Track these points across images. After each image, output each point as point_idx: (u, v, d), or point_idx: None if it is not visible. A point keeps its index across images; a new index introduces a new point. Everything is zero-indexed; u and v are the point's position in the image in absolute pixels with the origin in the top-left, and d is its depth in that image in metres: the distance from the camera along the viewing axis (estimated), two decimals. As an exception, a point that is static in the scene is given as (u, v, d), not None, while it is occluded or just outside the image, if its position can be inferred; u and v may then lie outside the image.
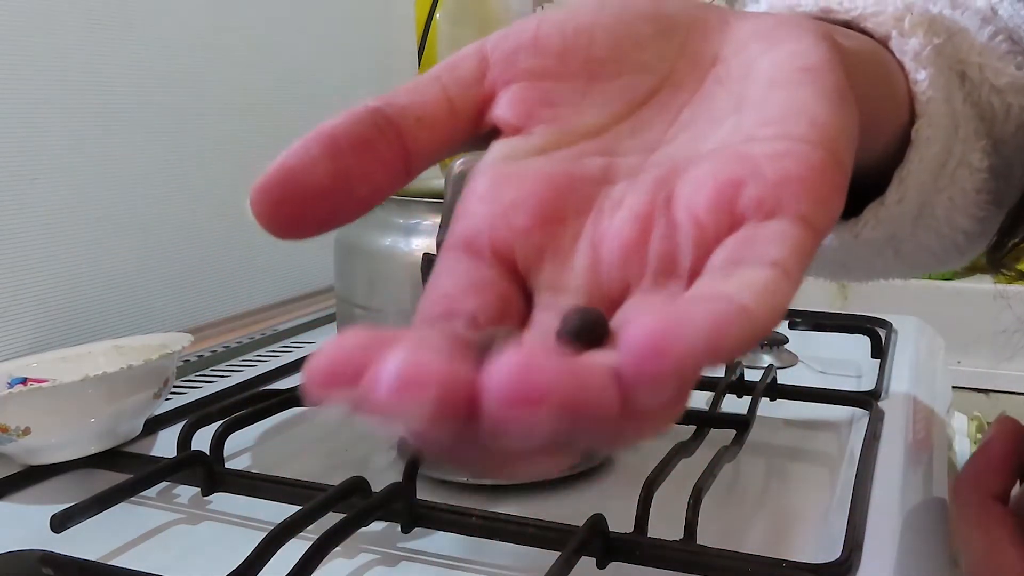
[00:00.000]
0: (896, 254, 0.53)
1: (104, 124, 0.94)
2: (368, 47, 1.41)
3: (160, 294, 1.02)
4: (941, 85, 0.47)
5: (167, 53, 1.02)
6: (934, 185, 0.49)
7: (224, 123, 1.10)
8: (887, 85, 0.45)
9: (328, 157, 0.34)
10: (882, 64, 0.45)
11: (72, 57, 0.91)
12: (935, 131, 0.46)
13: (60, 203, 0.90)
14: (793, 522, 0.66)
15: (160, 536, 0.64)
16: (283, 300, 1.21)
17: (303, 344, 1.12)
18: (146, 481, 0.66)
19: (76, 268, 0.91)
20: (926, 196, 0.49)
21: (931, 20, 0.48)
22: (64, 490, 0.70)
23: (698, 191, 0.29)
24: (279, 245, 1.19)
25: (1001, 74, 0.51)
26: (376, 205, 0.34)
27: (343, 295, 0.72)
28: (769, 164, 0.28)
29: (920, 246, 0.54)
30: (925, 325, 1.17)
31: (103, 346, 0.83)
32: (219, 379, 0.98)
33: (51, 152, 0.89)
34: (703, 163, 0.30)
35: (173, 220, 1.03)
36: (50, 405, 0.68)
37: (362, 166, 0.34)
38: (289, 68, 1.21)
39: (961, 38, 0.51)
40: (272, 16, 1.18)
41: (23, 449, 0.70)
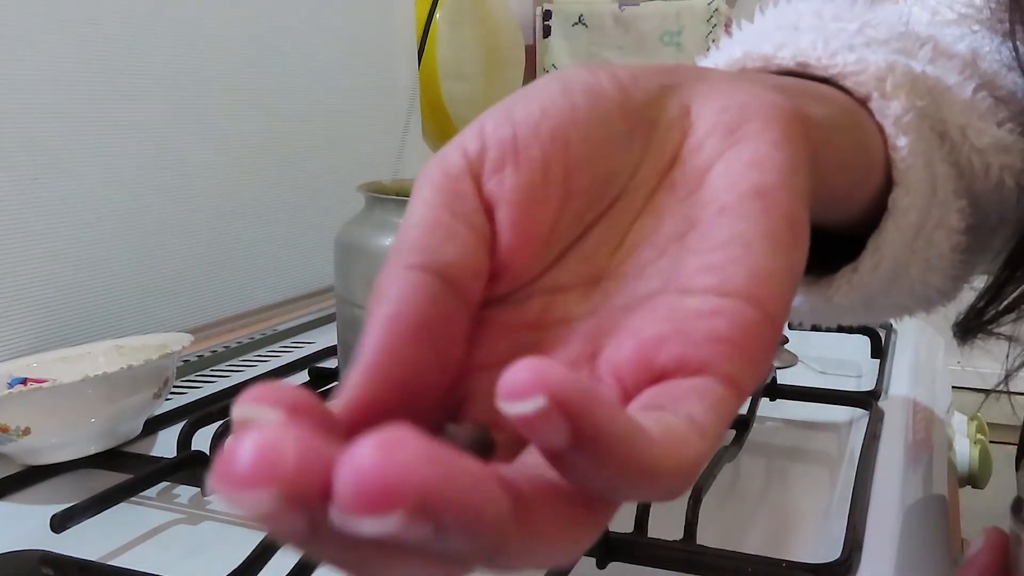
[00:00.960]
0: (867, 311, 0.52)
1: (104, 124, 0.94)
2: (368, 48, 1.41)
3: (160, 294, 1.02)
4: (921, 151, 0.45)
5: (167, 54, 1.02)
6: (910, 249, 0.47)
7: (224, 123, 1.10)
8: (863, 151, 0.43)
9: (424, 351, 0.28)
10: (858, 129, 0.43)
11: (72, 57, 0.91)
12: (913, 199, 0.45)
13: (60, 203, 0.90)
14: (793, 522, 0.66)
15: (160, 536, 0.64)
16: (283, 300, 1.21)
17: (303, 344, 1.12)
18: (146, 481, 0.66)
19: (76, 268, 0.91)
20: (901, 261, 0.48)
21: (913, 80, 0.46)
22: (64, 490, 0.70)
23: (623, 347, 0.29)
24: (279, 245, 1.19)
25: (983, 134, 0.49)
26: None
27: (343, 295, 0.72)
28: (699, 323, 0.27)
29: (891, 304, 0.53)
30: (925, 325, 1.17)
31: (103, 346, 0.83)
32: (219, 379, 0.98)
33: (51, 152, 0.89)
34: (633, 317, 0.30)
35: (173, 220, 1.03)
36: (50, 405, 0.68)
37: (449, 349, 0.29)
38: (289, 69, 1.21)
39: (944, 98, 0.49)
40: (272, 17, 1.18)
41: (23, 449, 0.70)
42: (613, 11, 2.07)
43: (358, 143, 1.38)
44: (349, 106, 1.35)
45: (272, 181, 1.19)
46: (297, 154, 1.23)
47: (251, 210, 1.15)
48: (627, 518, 0.58)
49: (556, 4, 2.13)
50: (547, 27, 2.13)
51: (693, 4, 2.03)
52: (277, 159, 1.19)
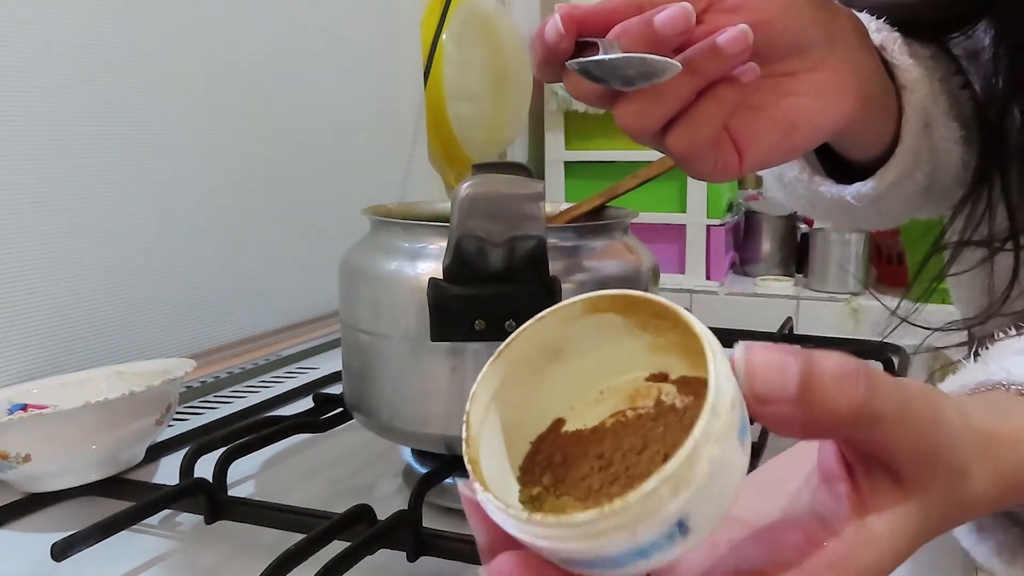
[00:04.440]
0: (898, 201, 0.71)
1: (105, 148, 0.94)
2: (374, 70, 1.40)
3: (163, 319, 1.01)
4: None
5: (172, 79, 1.01)
6: (924, 134, 0.67)
7: (229, 147, 1.10)
8: (888, 92, 0.66)
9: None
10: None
11: (72, 81, 0.90)
12: (918, 89, 0.66)
13: (61, 227, 0.89)
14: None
15: (162, 564, 0.63)
16: (287, 325, 1.20)
17: (308, 370, 1.11)
18: (148, 509, 0.66)
19: (77, 292, 0.91)
20: (917, 149, 0.67)
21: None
22: (65, 518, 0.70)
23: None
24: (283, 270, 1.19)
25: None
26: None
27: (348, 320, 0.71)
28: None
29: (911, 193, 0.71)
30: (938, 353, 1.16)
31: (104, 372, 0.83)
32: (222, 405, 0.97)
33: (52, 175, 0.88)
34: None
35: (176, 244, 1.03)
36: (51, 432, 0.68)
37: None
38: (294, 92, 1.21)
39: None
40: (277, 41, 1.18)
41: (24, 476, 0.69)
42: (620, 33, 2.07)
43: (363, 166, 1.37)
44: (354, 129, 1.35)
45: (277, 205, 1.18)
46: (302, 177, 1.23)
47: (255, 234, 1.15)
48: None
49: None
50: (554, 49, 2.13)
51: (700, 25, 2.03)
52: (281, 183, 1.19)
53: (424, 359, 0.66)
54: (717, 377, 0.31)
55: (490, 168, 0.61)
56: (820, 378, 0.32)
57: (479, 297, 0.60)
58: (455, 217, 0.59)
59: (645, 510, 0.29)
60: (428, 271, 0.63)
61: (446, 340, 0.63)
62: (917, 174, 0.69)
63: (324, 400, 0.88)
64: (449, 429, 0.66)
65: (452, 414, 0.66)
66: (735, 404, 0.31)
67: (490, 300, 0.60)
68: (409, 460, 0.74)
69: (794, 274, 2.12)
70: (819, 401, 0.32)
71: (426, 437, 0.68)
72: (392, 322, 0.67)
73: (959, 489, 0.38)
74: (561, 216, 0.76)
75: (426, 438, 0.68)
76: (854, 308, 1.92)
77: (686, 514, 0.29)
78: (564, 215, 0.76)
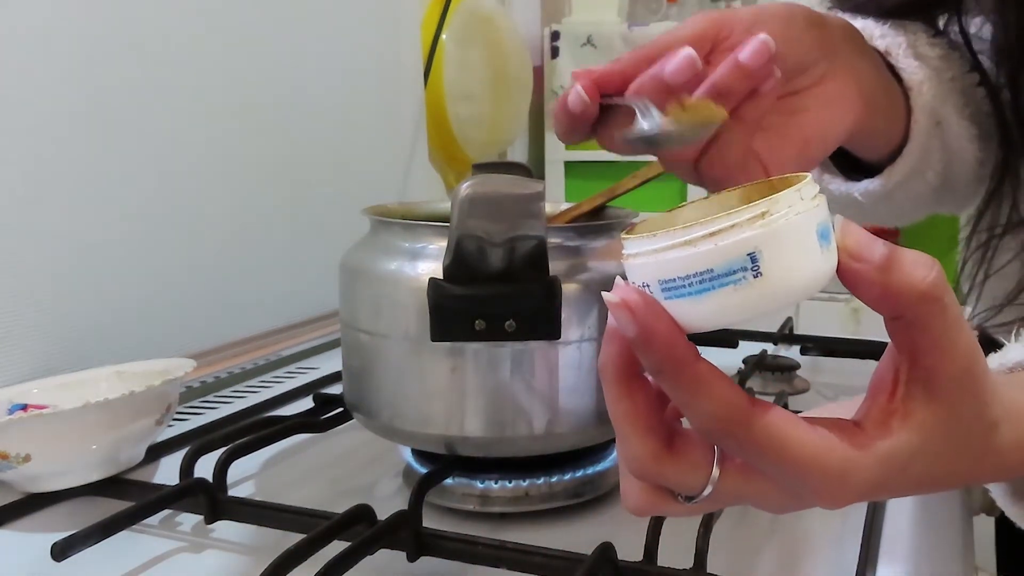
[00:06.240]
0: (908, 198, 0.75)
1: (105, 148, 0.94)
2: (374, 70, 1.40)
3: (162, 319, 1.01)
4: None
5: (170, 78, 1.01)
6: (932, 133, 0.71)
7: (228, 147, 1.10)
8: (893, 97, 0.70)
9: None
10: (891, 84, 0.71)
11: (71, 81, 0.90)
12: (926, 86, 0.70)
13: (60, 227, 0.89)
14: (805, 549, 0.65)
15: (163, 564, 0.63)
16: (287, 325, 1.20)
17: (307, 370, 1.11)
18: (148, 509, 0.66)
19: (77, 292, 0.91)
20: (927, 146, 0.71)
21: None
22: (65, 518, 0.70)
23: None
24: (283, 269, 1.19)
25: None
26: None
27: (348, 320, 0.71)
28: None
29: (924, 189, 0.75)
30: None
31: (105, 372, 0.83)
32: (222, 405, 0.97)
33: (52, 175, 0.88)
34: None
35: (176, 244, 1.03)
36: (51, 432, 0.68)
37: None
38: (295, 89, 1.21)
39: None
40: (277, 40, 1.18)
41: (24, 476, 0.69)
42: (622, 31, 2.07)
43: (363, 166, 1.37)
44: (354, 129, 1.34)
45: (276, 205, 1.18)
46: (302, 177, 1.23)
47: (255, 234, 1.15)
48: (637, 546, 0.57)
49: (564, 25, 2.13)
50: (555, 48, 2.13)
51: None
52: (281, 183, 1.19)
53: (424, 359, 0.66)
54: (810, 182, 0.37)
55: (490, 168, 0.61)
56: (902, 253, 0.37)
57: (479, 297, 0.60)
58: (455, 217, 0.59)
59: (728, 230, 0.35)
60: (428, 271, 0.63)
61: (446, 340, 0.63)
62: (928, 173, 0.73)
63: (324, 400, 0.88)
64: (449, 429, 0.66)
65: (452, 414, 0.66)
66: (822, 206, 0.37)
67: (490, 300, 0.60)
68: (409, 460, 0.74)
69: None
70: (898, 269, 0.37)
71: (426, 437, 0.68)
72: (392, 322, 0.67)
73: (988, 436, 0.42)
74: (561, 216, 0.76)
75: (426, 438, 0.68)
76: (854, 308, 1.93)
77: (759, 250, 0.35)
78: (564, 215, 0.76)
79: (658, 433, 0.41)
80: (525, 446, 0.67)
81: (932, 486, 0.43)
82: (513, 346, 0.64)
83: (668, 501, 0.43)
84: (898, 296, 0.37)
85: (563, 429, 0.66)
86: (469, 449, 0.67)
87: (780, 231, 0.35)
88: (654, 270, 0.37)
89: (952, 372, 0.39)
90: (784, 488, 0.41)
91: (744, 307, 0.36)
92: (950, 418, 0.40)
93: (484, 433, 0.66)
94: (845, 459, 0.39)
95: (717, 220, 0.35)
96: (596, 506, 0.71)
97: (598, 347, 0.66)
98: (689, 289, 0.36)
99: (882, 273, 0.37)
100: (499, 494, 0.69)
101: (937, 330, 0.38)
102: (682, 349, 0.38)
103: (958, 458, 0.41)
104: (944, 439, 0.40)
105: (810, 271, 0.36)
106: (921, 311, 0.38)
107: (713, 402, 0.38)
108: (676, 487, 0.42)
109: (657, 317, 0.37)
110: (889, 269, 0.37)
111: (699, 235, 0.35)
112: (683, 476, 0.41)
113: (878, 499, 0.42)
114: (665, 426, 0.41)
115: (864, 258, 0.37)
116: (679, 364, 0.38)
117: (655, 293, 0.37)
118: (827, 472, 0.39)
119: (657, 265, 0.37)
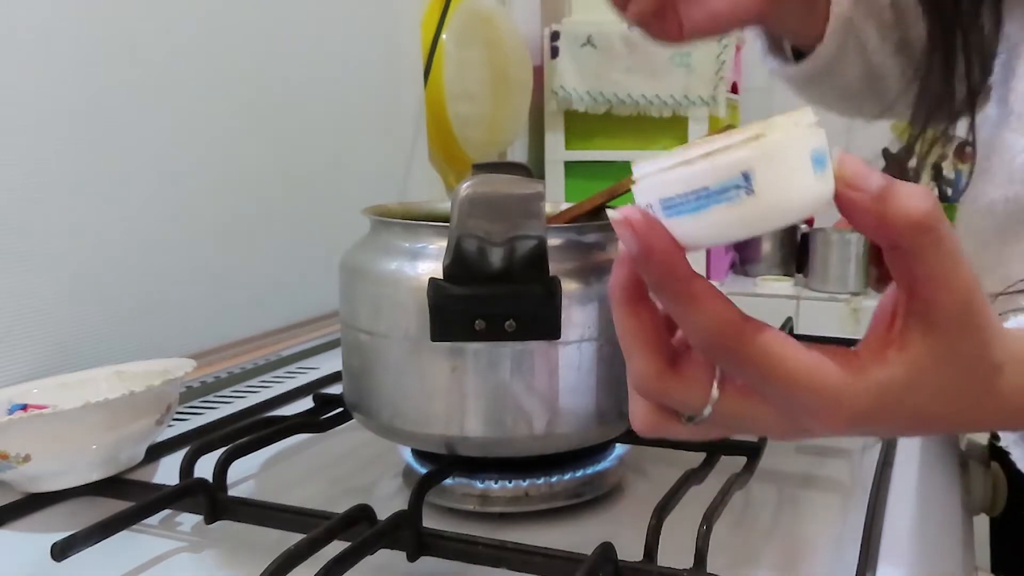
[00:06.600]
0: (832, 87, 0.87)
1: (105, 148, 0.94)
2: (373, 70, 1.40)
3: (163, 319, 1.01)
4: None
5: (171, 76, 1.01)
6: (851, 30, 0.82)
7: (229, 147, 1.10)
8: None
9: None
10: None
11: (71, 81, 0.90)
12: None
13: (61, 226, 0.89)
14: (805, 550, 0.65)
15: (163, 564, 0.63)
16: (287, 325, 1.20)
17: (308, 370, 1.11)
18: (148, 509, 0.66)
19: (77, 292, 0.91)
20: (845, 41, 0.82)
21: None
22: (65, 518, 0.70)
23: None
24: (283, 269, 1.19)
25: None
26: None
27: (348, 320, 0.71)
28: None
29: (845, 84, 0.87)
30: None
31: (104, 372, 0.83)
32: (222, 405, 0.97)
33: (52, 175, 0.88)
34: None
35: (176, 244, 1.03)
36: (51, 432, 0.68)
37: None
38: (295, 89, 1.21)
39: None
40: (277, 40, 1.18)
41: (24, 476, 0.69)
42: (622, 32, 2.07)
43: (363, 166, 1.37)
44: (354, 129, 1.35)
45: (277, 205, 1.18)
46: (302, 177, 1.23)
47: (255, 234, 1.15)
48: (637, 546, 0.57)
49: (564, 25, 2.13)
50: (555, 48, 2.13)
51: (701, 26, 2.02)
52: (281, 183, 1.19)
53: (424, 359, 0.66)
54: (807, 112, 0.39)
55: (490, 168, 0.61)
56: (899, 185, 0.39)
57: (479, 297, 0.60)
58: (455, 217, 0.59)
59: (724, 150, 0.38)
60: (428, 271, 0.63)
61: (446, 340, 0.63)
62: (846, 72, 0.86)
63: (324, 400, 0.88)
64: (449, 429, 0.66)
65: (452, 414, 0.66)
66: (818, 134, 0.39)
67: (490, 300, 0.60)
68: (409, 460, 0.74)
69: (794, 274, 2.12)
70: (893, 199, 0.38)
71: (426, 437, 0.68)
72: (392, 322, 0.67)
73: (991, 378, 0.42)
74: (561, 216, 0.76)
75: (426, 438, 0.68)
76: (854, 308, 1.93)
77: (752, 169, 0.38)
78: (564, 215, 0.76)
79: (663, 353, 0.43)
80: (525, 446, 0.67)
81: (931, 425, 0.43)
82: (513, 346, 0.64)
83: (672, 422, 0.45)
84: (893, 225, 0.39)
85: (563, 429, 0.66)
86: (469, 449, 0.67)
87: (772, 152, 0.38)
88: (656, 189, 0.40)
89: (950, 305, 0.40)
90: (781, 409, 0.42)
91: (739, 224, 0.39)
92: (949, 353, 0.41)
93: (484, 433, 0.66)
94: (839, 380, 0.40)
95: (714, 141, 0.38)
96: (596, 506, 0.71)
97: (598, 347, 0.66)
98: (687, 206, 0.39)
99: (878, 202, 0.38)
100: (499, 494, 0.69)
101: (933, 261, 0.39)
102: (679, 264, 0.40)
103: (958, 397, 0.42)
104: (943, 375, 0.41)
105: (803, 193, 0.39)
106: (916, 241, 0.39)
107: (707, 316, 0.40)
108: (678, 405, 0.44)
109: (656, 233, 0.40)
110: (885, 199, 0.38)
111: (696, 155, 0.38)
112: (684, 394, 0.43)
113: (874, 432, 0.42)
114: (670, 348, 0.44)
115: (860, 187, 0.39)
116: (676, 279, 0.41)
117: (657, 212, 0.40)
118: (820, 391, 0.40)
119: (658, 185, 0.40)
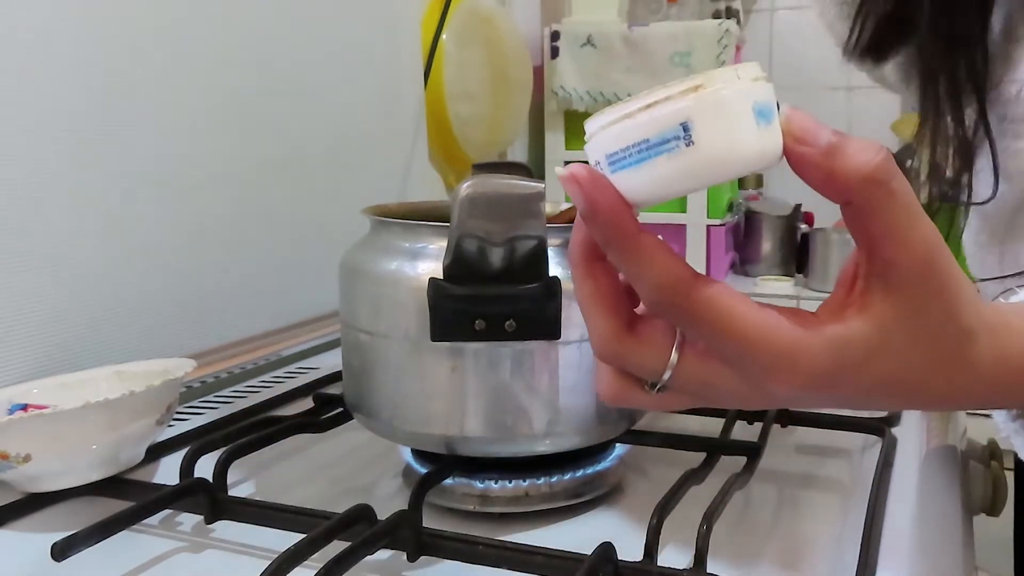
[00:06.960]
0: None
1: (106, 148, 0.94)
2: (374, 70, 1.40)
3: (162, 319, 1.01)
4: None
5: (170, 77, 1.01)
6: None
7: (228, 147, 1.10)
8: None
9: None
10: None
11: (70, 80, 0.90)
12: None
13: (62, 227, 0.89)
14: (805, 550, 0.65)
15: (163, 564, 0.63)
16: (288, 325, 1.20)
17: (308, 370, 1.11)
18: (148, 509, 0.66)
19: (78, 292, 0.91)
20: None
21: None
22: (65, 518, 0.70)
23: None
24: (283, 269, 1.18)
25: None
26: None
27: (348, 320, 0.71)
28: None
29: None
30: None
31: (105, 372, 0.83)
32: (223, 405, 0.97)
33: (53, 175, 0.88)
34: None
35: (175, 244, 1.03)
36: (51, 432, 0.68)
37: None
38: (294, 91, 1.21)
39: None
40: (276, 40, 1.18)
41: (24, 476, 0.69)
42: (622, 32, 2.07)
43: (363, 166, 1.37)
44: (354, 129, 1.34)
45: (277, 205, 1.18)
46: (302, 177, 1.23)
47: (255, 234, 1.14)
48: (637, 546, 0.57)
49: (564, 25, 2.12)
50: (555, 48, 2.12)
51: (703, 25, 2.03)
52: (281, 182, 1.19)
53: (424, 359, 0.66)
54: (753, 65, 0.39)
55: (490, 168, 0.61)
56: (849, 140, 0.38)
57: (479, 297, 0.60)
58: (455, 217, 0.59)
59: (663, 101, 0.38)
60: (428, 271, 0.63)
61: (446, 340, 0.63)
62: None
63: (324, 400, 0.88)
64: (449, 429, 0.66)
65: (452, 414, 0.66)
66: (763, 87, 0.39)
67: (490, 300, 0.60)
68: (409, 460, 0.74)
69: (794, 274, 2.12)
70: (842, 154, 0.38)
71: (426, 437, 0.68)
72: (392, 322, 0.67)
73: (962, 345, 0.42)
74: (561, 216, 0.76)
75: (426, 438, 0.68)
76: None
77: (691, 120, 0.37)
78: (564, 215, 0.76)
79: (620, 315, 0.44)
80: (525, 446, 0.67)
81: (896, 394, 0.43)
82: (513, 346, 0.64)
83: (635, 390, 0.45)
84: (844, 180, 0.38)
85: (563, 429, 0.66)
86: (469, 449, 0.67)
87: (711, 103, 0.37)
88: (602, 145, 0.40)
89: (909, 264, 0.39)
90: (739, 372, 0.42)
91: (681, 176, 0.39)
92: (911, 315, 0.40)
93: (484, 433, 0.66)
94: (793, 337, 0.40)
95: (654, 93, 0.38)
96: (596, 506, 0.71)
97: (598, 347, 0.66)
98: (629, 160, 0.39)
99: (827, 157, 0.38)
100: (499, 494, 0.69)
101: (887, 217, 0.39)
102: (625, 219, 0.41)
103: (924, 364, 0.41)
104: (906, 338, 0.40)
105: (745, 145, 0.38)
106: (868, 195, 0.38)
107: (656, 271, 0.40)
108: (636, 369, 0.44)
109: (601, 189, 0.40)
110: (834, 154, 0.38)
111: (637, 107, 0.38)
112: (643, 357, 0.43)
113: (838, 400, 0.41)
114: (628, 311, 0.44)
115: (809, 142, 0.39)
116: (624, 234, 0.41)
117: (604, 168, 0.40)
118: (775, 348, 0.40)
119: (604, 140, 0.40)
